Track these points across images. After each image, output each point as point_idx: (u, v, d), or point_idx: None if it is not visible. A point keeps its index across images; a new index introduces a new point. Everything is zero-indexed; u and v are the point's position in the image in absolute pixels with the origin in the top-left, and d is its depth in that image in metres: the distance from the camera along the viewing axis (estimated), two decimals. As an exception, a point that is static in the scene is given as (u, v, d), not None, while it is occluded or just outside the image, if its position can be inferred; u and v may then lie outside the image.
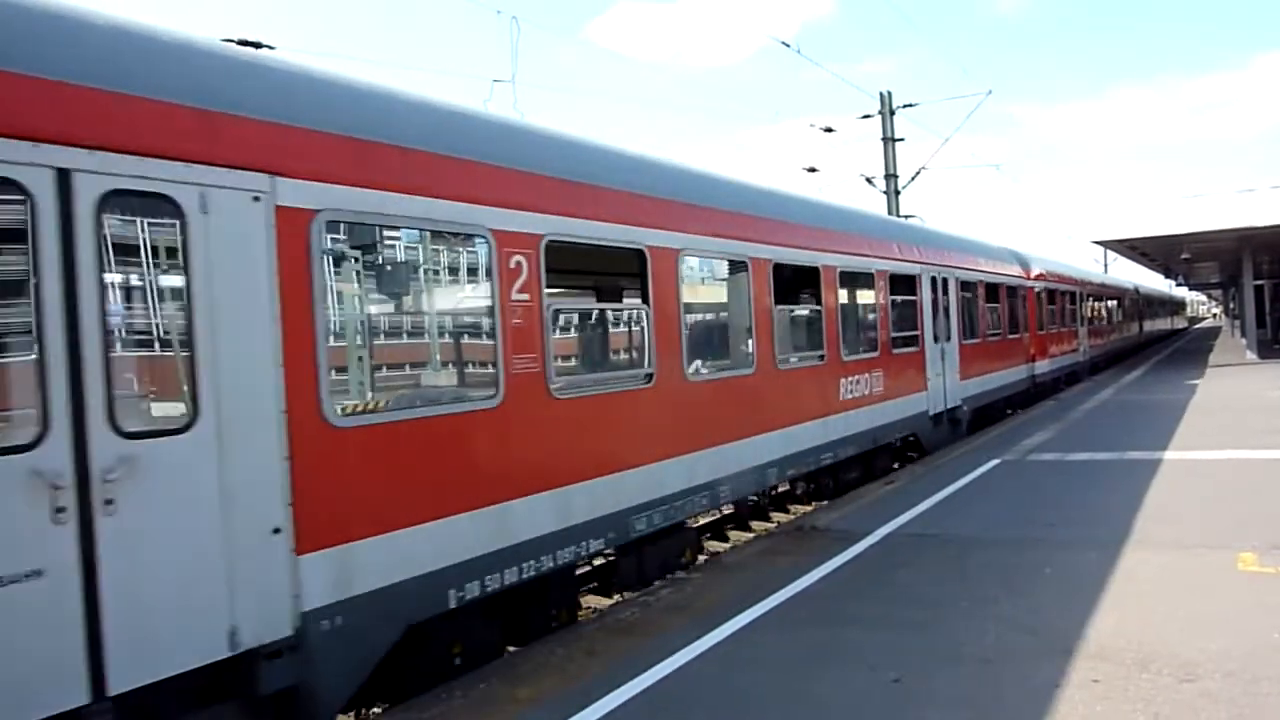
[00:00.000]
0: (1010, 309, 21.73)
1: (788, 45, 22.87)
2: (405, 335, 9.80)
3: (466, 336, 9.17)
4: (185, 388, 4.86)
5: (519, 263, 6.95)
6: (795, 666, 6.10)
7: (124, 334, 5.16)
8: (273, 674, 5.04)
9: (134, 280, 5.36)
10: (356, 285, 8.32)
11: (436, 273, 9.54)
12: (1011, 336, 21.70)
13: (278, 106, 5.50)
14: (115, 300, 4.99)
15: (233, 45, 6.29)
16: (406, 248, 8.90)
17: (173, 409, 5.04)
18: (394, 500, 5.84)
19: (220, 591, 4.78)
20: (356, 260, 8.00)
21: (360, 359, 8.43)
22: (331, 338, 6.24)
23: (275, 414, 5.16)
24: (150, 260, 5.25)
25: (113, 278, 4.92)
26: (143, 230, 5.16)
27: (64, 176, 4.36)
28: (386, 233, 7.56)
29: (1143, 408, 19.75)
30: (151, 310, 5.37)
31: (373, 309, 9.10)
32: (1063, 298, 27.43)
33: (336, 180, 5.66)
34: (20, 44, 4.38)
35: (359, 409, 7.04)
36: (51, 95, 4.38)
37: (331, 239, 6.46)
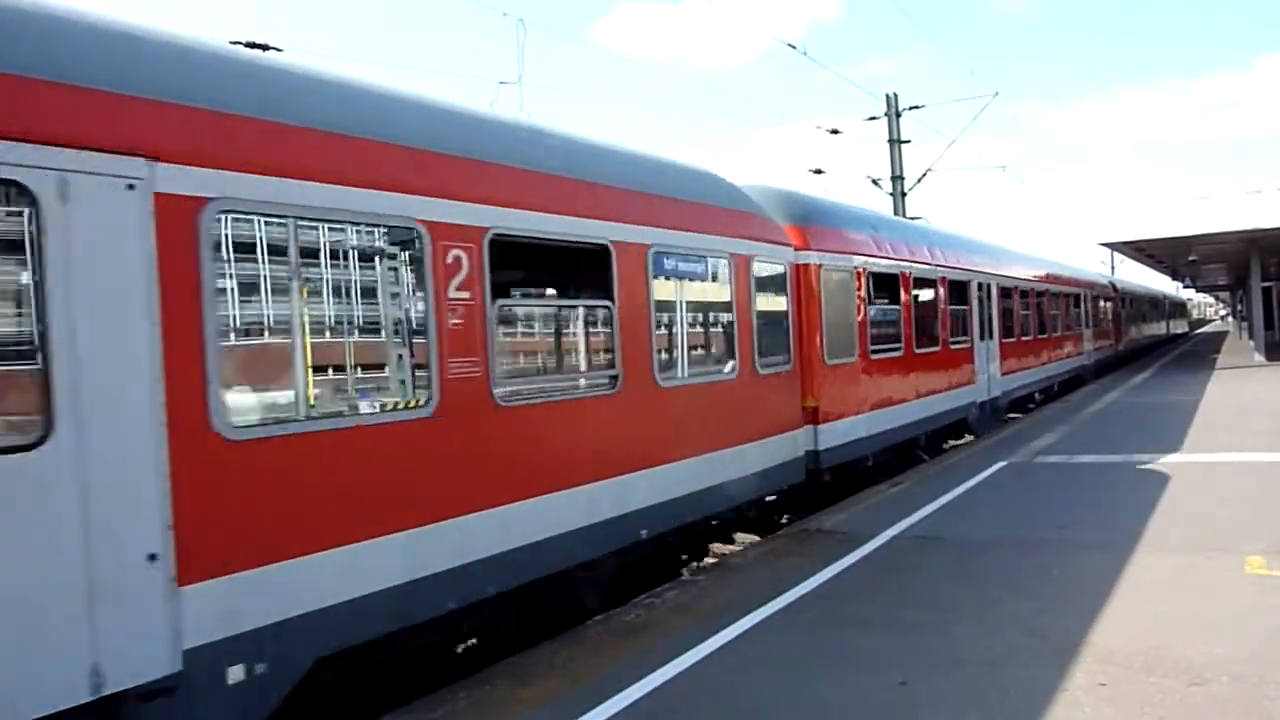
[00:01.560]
0: (698, 319, 10.66)
1: (793, 47, 22.90)
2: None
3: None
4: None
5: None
6: (801, 669, 6.09)
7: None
8: None
9: None
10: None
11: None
12: (698, 382, 9.43)
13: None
14: None
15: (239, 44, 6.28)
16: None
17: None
18: None
19: None
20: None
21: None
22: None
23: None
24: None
25: None
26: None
27: None
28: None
29: (1150, 410, 19.68)
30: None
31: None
32: (933, 292, 15.98)
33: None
34: None
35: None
36: None
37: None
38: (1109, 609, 6.78)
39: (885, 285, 14.10)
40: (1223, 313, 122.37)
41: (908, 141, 27.54)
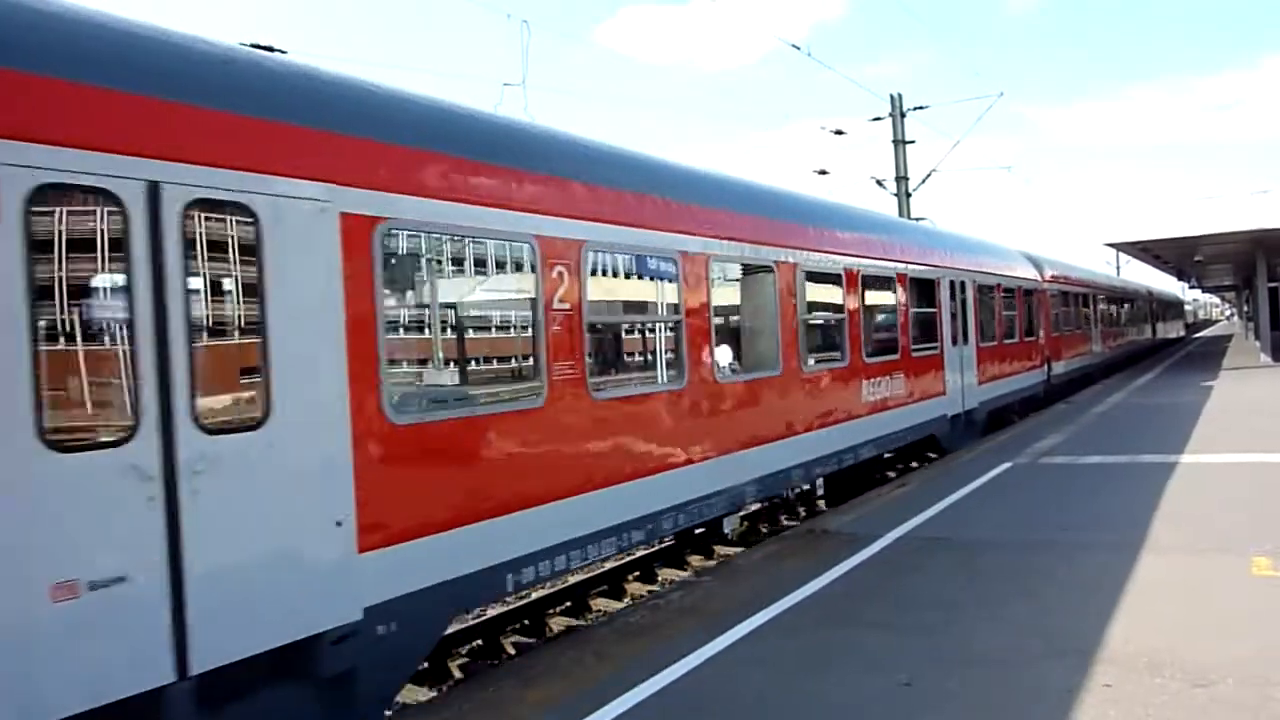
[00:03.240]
0: None
1: (797, 48, 22.90)
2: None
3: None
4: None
5: None
6: (806, 669, 6.09)
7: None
8: None
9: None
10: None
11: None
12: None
13: None
14: None
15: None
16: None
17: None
18: None
19: None
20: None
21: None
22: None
23: None
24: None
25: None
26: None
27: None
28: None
29: (1155, 411, 19.63)
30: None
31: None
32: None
33: None
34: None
35: None
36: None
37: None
38: (1114, 610, 6.77)
39: None
40: (1228, 313, 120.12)
41: (912, 142, 27.67)
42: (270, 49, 9.80)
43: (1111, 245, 35.03)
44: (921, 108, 27.69)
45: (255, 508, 5.02)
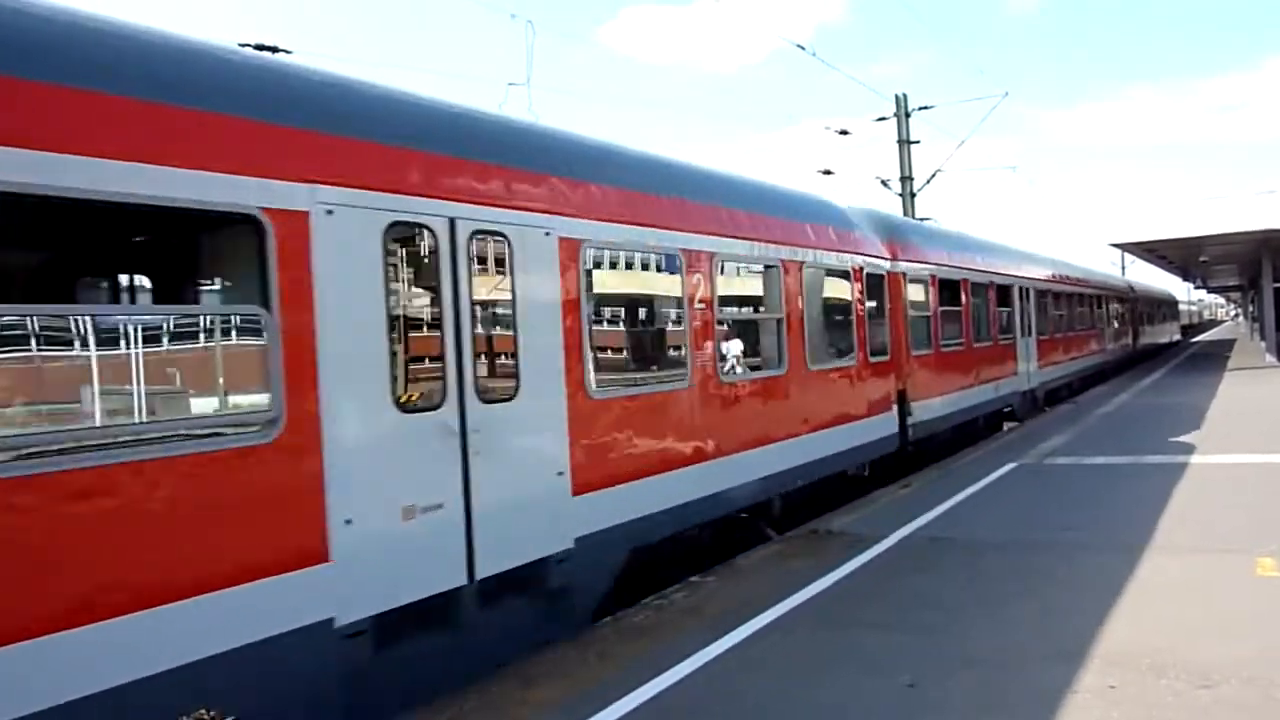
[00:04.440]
0: None
1: (802, 48, 22.96)
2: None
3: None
4: None
5: None
6: (809, 671, 6.08)
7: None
8: None
9: None
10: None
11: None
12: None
13: None
14: None
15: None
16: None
17: None
18: None
19: None
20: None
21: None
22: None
23: None
24: None
25: None
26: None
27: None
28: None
29: (1160, 411, 19.59)
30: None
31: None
32: None
33: None
34: None
35: None
36: None
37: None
38: (1118, 611, 6.76)
39: None
40: (1233, 313, 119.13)
41: (917, 142, 27.50)
42: (275, 49, 9.84)
43: (1116, 245, 34.94)
44: (926, 108, 27.64)
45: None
